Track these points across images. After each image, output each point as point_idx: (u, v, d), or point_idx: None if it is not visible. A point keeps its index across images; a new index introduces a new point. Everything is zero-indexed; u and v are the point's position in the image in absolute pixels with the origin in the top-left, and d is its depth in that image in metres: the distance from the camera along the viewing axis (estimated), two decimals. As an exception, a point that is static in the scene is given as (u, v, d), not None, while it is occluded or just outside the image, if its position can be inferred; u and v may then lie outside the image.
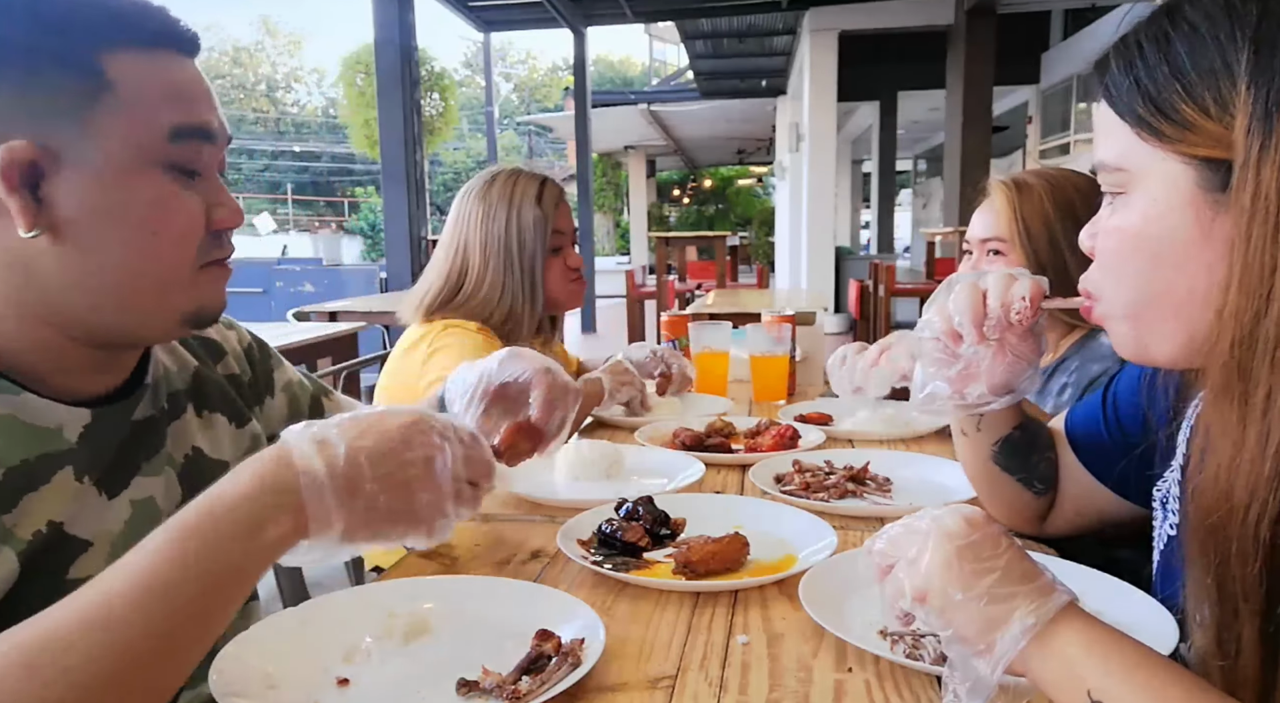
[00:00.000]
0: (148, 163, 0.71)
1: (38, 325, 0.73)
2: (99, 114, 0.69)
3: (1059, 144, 10.28)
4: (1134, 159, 0.66)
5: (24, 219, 0.68)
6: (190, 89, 0.75)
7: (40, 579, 0.68)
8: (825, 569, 0.88)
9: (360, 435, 0.64)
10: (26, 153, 0.67)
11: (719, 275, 7.82)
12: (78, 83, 0.69)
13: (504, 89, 47.93)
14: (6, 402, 0.70)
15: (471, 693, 0.69)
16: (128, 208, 0.71)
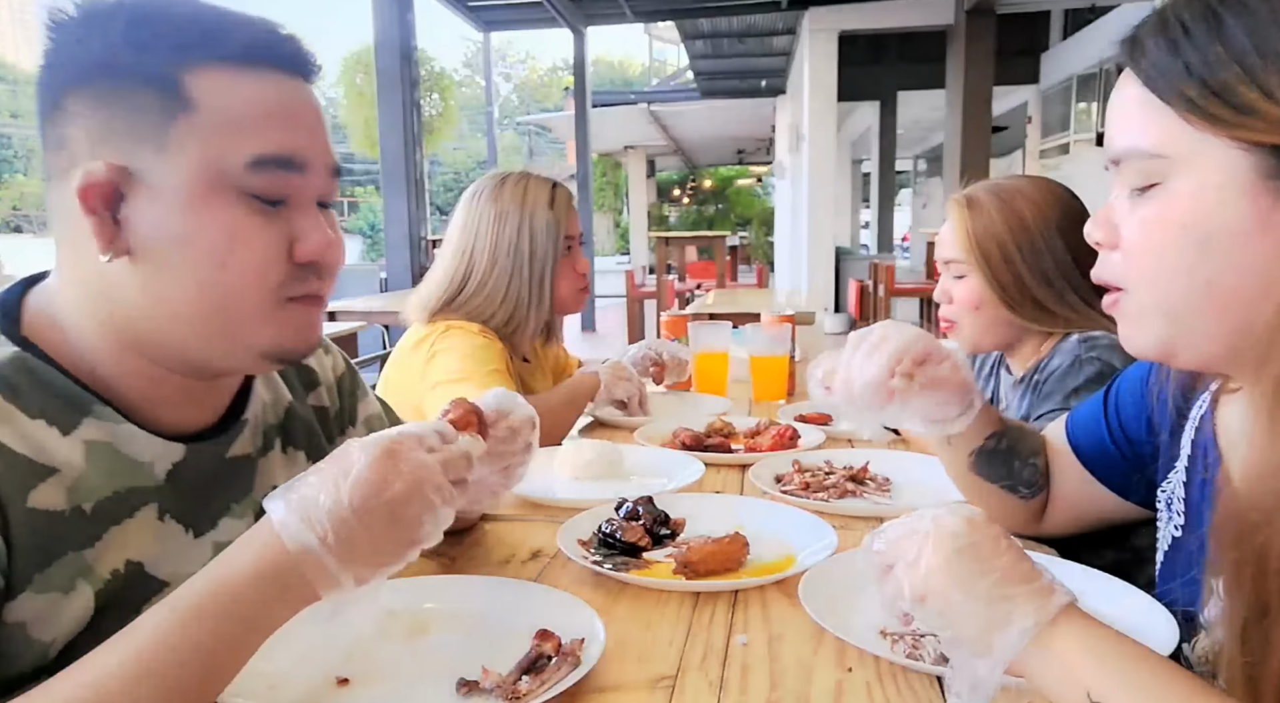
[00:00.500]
0: (224, 189, 0.67)
1: (130, 353, 0.71)
2: (177, 134, 0.66)
3: (1059, 144, 10.27)
4: (1178, 145, 0.62)
5: (100, 241, 0.66)
6: (283, 112, 0.70)
7: (113, 618, 0.67)
8: (825, 569, 0.88)
9: (339, 492, 0.61)
10: (105, 175, 0.65)
11: (719, 275, 7.82)
12: (157, 101, 0.66)
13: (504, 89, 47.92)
14: (108, 430, 0.69)
15: (471, 693, 0.69)
16: (198, 235, 0.67)
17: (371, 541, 0.61)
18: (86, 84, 0.66)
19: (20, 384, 0.66)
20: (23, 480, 0.63)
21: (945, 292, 1.47)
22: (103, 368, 0.71)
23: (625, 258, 18.63)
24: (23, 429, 0.65)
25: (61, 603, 0.64)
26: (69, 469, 0.66)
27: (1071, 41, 9.67)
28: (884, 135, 12.42)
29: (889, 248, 13.35)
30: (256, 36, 0.69)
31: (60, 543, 0.65)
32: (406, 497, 0.62)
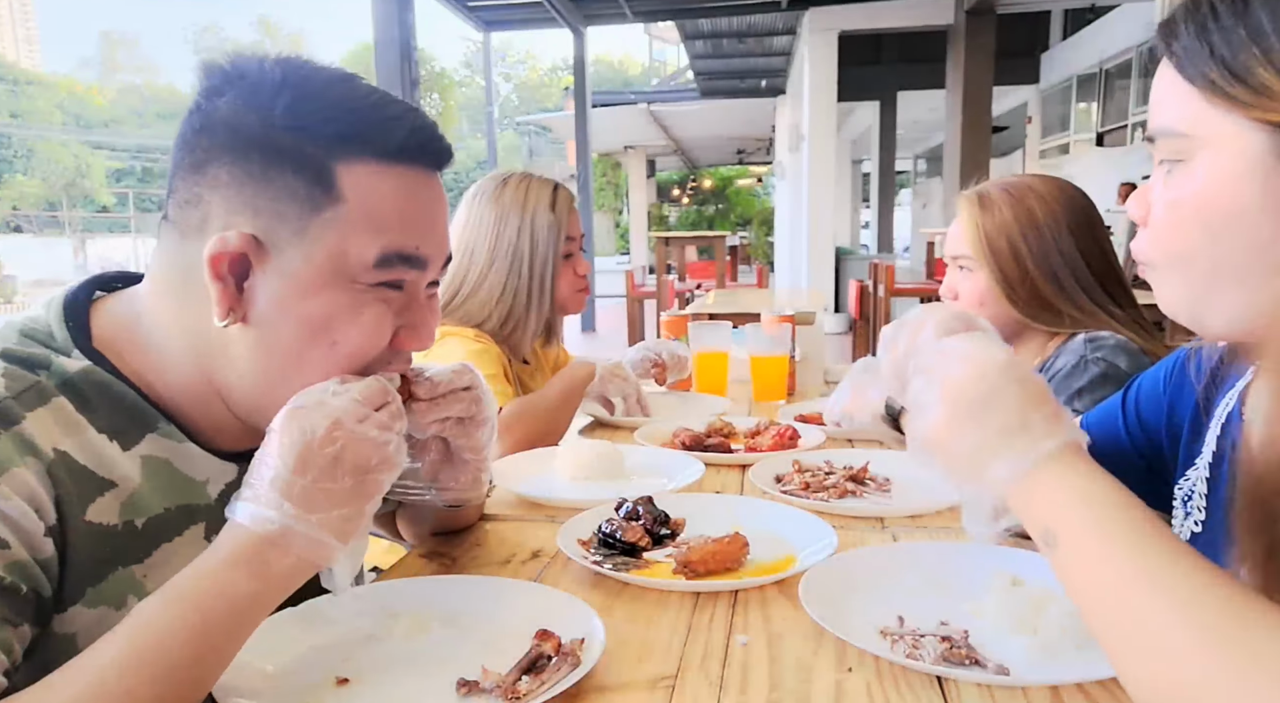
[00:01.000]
0: (347, 281, 0.70)
1: (208, 390, 0.74)
2: (319, 224, 0.68)
3: (1059, 144, 10.28)
4: (1200, 125, 0.64)
5: (220, 308, 0.68)
6: (419, 215, 0.73)
7: None
8: (825, 569, 0.88)
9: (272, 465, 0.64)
10: (239, 245, 0.67)
11: (719, 275, 7.82)
12: (307, 189, 0.68)
13: (504, 89, 47.91)
14: (169, 448, 0.71)
15: (471, 693, 0.69)
16: (318, 317, 0.70)
17: (325, 490, 0.63)
18: (241, 156, 0.68)
19: (91, 397, 0.68)
20: (83, 493, 0.65)
21: (951, 288, 1.47)
22: (175, 389, 0.73)
23: (625, 258, 18.63)
24: (88, 441, 0.66)
25: (112, 618, 0.65)
26: (125, 484, 0.67)
27: (1071, 41, 9.68)
28: (884, 135, 12.43)
29: (889, 248, 13.35)
30: (409, 135, 0.71)
31: (113, 558, 0.66)
32: (332, 436, 0.64)
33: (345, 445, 0.65)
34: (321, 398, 0.67)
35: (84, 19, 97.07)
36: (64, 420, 0.66)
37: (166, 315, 0.73)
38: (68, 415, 0.66)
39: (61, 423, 0.65)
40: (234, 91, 0.69)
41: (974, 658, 0.72)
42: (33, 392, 0.66)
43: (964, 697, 0.68)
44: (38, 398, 0.66)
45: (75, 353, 0.70)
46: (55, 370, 0.68)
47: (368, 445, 0.66)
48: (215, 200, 0.68)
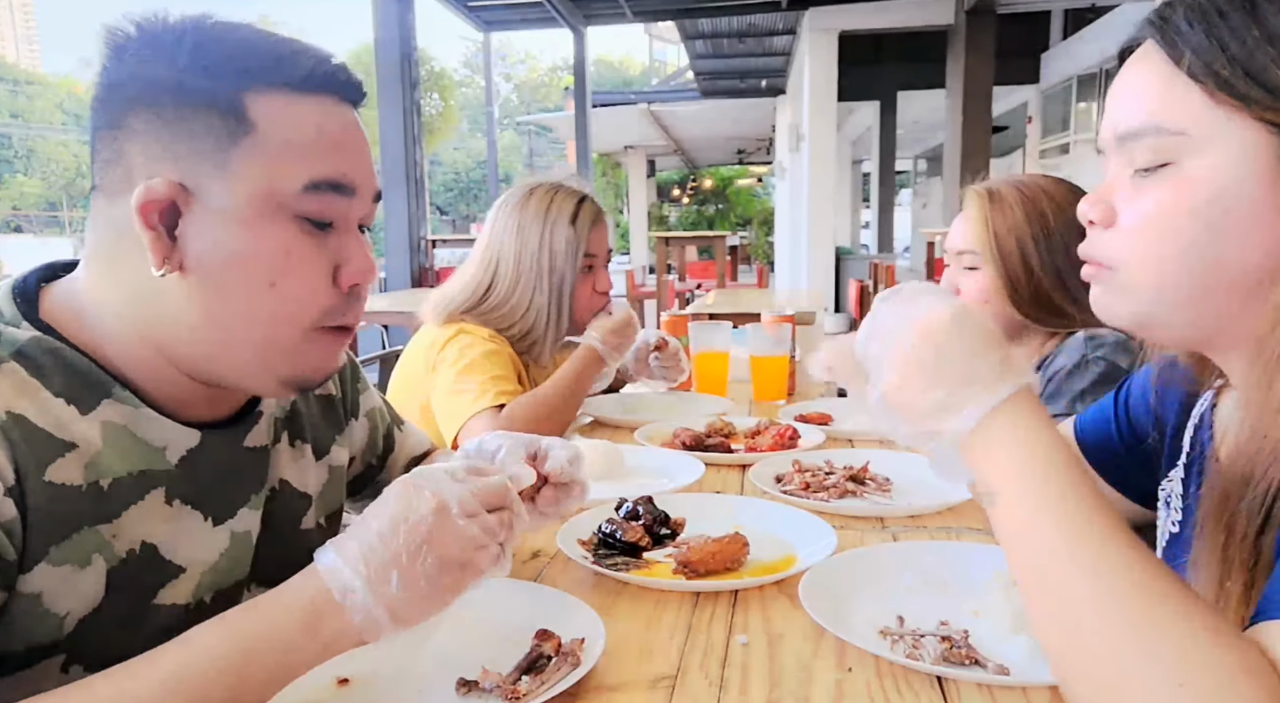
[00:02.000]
0: (278, 212, 0.70)
1: (156, 354, 0.73)
2: (238, 157, 0.68)
3: (1059, 144, 10.28)
4: (1200, 124, 0.63)
5: (155, 256, 0.68)
6: (337, 138, 0.72)
7: (128, 599, 0.69)
8: (825, 569, 0.88)
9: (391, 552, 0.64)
10: (166, 191, 0.67)
11: (719, 275, 7.82)
12: (221, 123, 0.68)
13: (504, 89, 47.90)
14: (125, 413, 0.71)
15: (471, 693, 0.69)
16: (253, 254, 0.69)
17: (402, 569, 0.64)
18: (152, 103, 0.68)
19: (44, 363, 0.68)
20: (42, 454, 0.64)
21: (951, 284, 1.46)
22: (125, 359, 0.72)
23: (625, 258, 18.62)
24: (44, 405, 0.66)
25: (77, 576, 0.65)
26: (87, 446, 0.67)
27: (1071, 41, 9.67)
28: (884, 135, 12.43)
29: (889, 248, 13.35)
30: (315, 64, 0.72)
31: (78, 517, 0.66)
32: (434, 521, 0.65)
33: (438, 536, 0.65)
34: (439, 478, 0.67)
35: (84, 19, 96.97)
36: (17, 385, 0.65)
37: (104, 285, 0.72)
38: (20, 380, 0.66)
39: (14, 387, 0.65)
40: (137, 45, 0.69)
41: (974, 658, 0.72)
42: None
43: (964, 697, 0.68)
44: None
45: (24, 325, 0.69)
46: (5, 340, 0.67)
47: (463, 544, 0.66)
48: (134, 152, 0.68)
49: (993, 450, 0.62)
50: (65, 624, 0.65)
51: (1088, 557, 0.56)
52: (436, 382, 1.54)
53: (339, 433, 0.96)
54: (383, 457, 1.05)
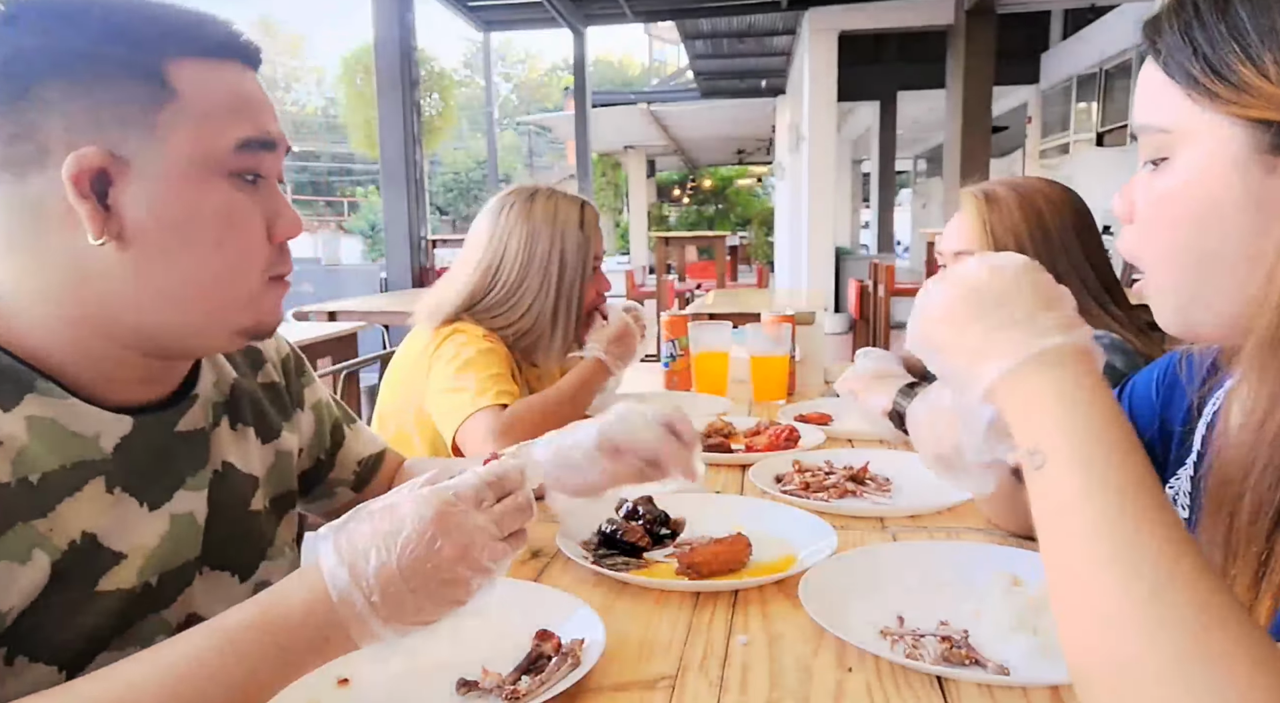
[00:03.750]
0: (213, 172, 0.71)
1: (92, 334, 0.72)
2: (165, 122, 0.69)
3: (1059, 144, 10.28)
4: (1181, 121, 0.64)
5: (93, 226, 0.67)
6: (253, 99, 0.75)
7: (69, 590, 0.68)
8: (825, 569, 0.88)
9: (389, 553, 0.62)
10: (96, 160, 0.67)
11: (719, 275, 7.82)
12: (144, 90, 0.68)
13: (504, 89, 47.91)
14: (51, 406, 0.70)
15: (471, 693, 0.69)
16: (193, 218, 0.70)
17: (416, 602, 0.63)
18: (64, 74, 0.67)
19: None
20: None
21: None
22: (50, 349, 0.71)
23: (625, 258, 18.63)
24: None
25: (17, 572, 0.64)
26: (11, 442, 0.66)
27: (1071, 41, 9.67)
28: (884, 135, 12.42)
29: (889, 248, 13.35)
30: (224, 32, 0.74)
31: (9, 514, 0.65)
32: (455, 561, 0.64)
33: (460, 575, 0.64)
34: (468, 513, 0.66)
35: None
36: None
37: (22, 272, 0.71)
38: None
39: None
40: (35, 14, 0.68)
41: (974, 658, 0.72)
42: None
43: (964, 697, 0.68)
44: None
45: None
46: None
47: (477, 577, 0.65)
48: (51, 122, 0.67)
49: (1045, 403, 0.56)
50: (7, 619, 0.64)
51: (1134, 554, 0.50)
52: (432, 382, 1.54)
53: (286, 419, 0.96)
54: (331, 452, 1.04)
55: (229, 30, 0.75)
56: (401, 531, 0.63)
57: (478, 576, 0.65)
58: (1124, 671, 0.49)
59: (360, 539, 0.63)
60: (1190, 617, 0.48)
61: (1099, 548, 0.52)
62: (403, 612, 0.62)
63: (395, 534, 0.63)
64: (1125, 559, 0.51)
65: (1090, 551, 0.52)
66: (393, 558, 0.62)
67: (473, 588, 0.65)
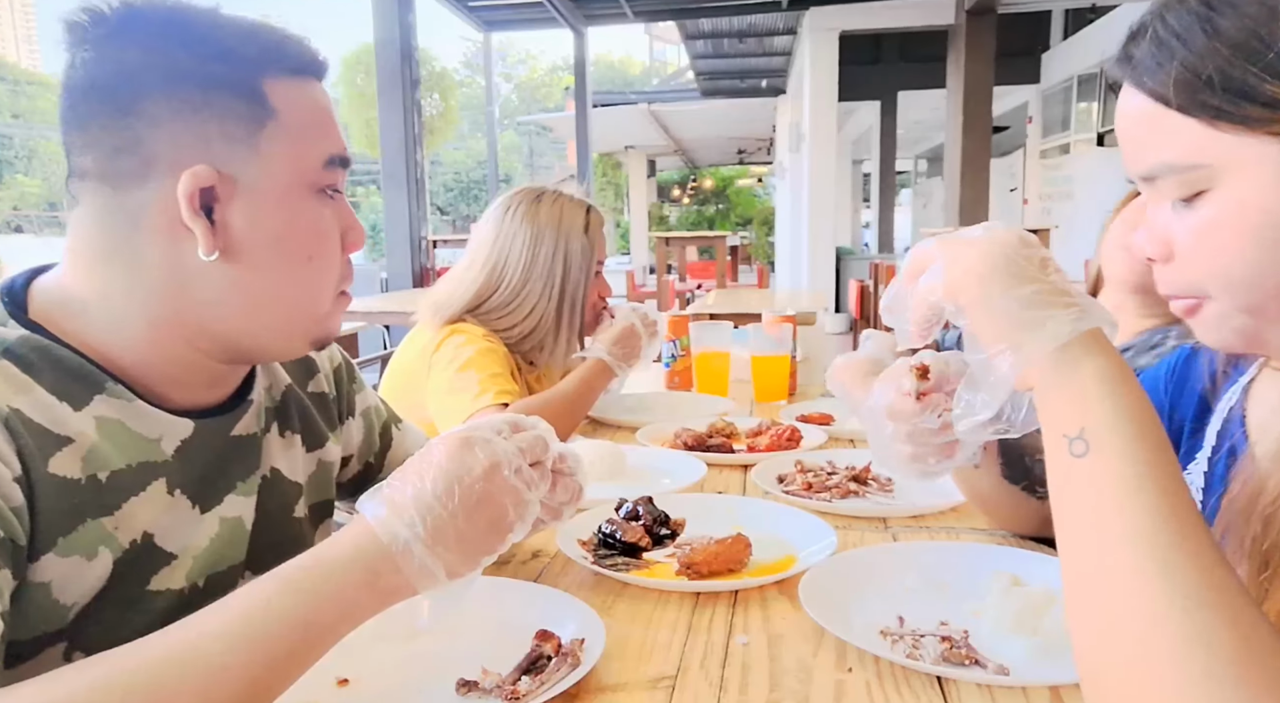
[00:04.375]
0: (306, 188, 0.74)
1: (173, 340, 0.74)
2: (266, 140, 0.71)
3: (1059, 144, 10.28)
4: (1214, 153, 0.61)
5: (206, 242, 0.70)
6: (330, 116, 0.78)
7: (125, 587, 0.69)
8: (825, 569, 0.88)
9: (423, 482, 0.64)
10: (207, 178, 0.69)
11: (719, 275, 7.82)
12: (248, 108, 0.71)
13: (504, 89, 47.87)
14: (119, 408, 0.71)
15: (471, 693, 0.69)
16: (290, 233, 0.74)
17: (457, 528, 0.64)
18: (172, 91, 0.69)
19: (34, 361, 0.68)
20: (42, 447, 0.65)
21: None
22: (122, 352, 0.73)
23: (626, 258, 18.63)
24: (38, 400, 0.67)
25: (84, 567, 0.66)
26: (82, 440, 0.68)
27: (1071, 41, 9.67)
28: (884, 135, 12.42)
29: (890, 248, 13.35)
30: (308, 50, 0.76)
31: (81, 510, 0.67)
32: (487, 480, 0.65)
33: (494, 495, 0.65)
34: (491, 437, 0.68)
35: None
36: (10, 382, 0.66)
37: (100, 280, 0.72)
38: (13, 377, 0.66)
39: (9, 384, 0.66)
40: (139, 32, 0.69)
41: (974, 658, 0.72)
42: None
43: (964, 697, 0.68)
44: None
45: (11, 323, 0.70)
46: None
47: (513, 500, 0.66)
48: (158, 138, 0.69)
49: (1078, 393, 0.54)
50: (70, 613, 0.66)
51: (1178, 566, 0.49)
52: (432, 383, 1.54)
53: (333, 430, 0.96)
54: (380, 454, 1.05)
55: (309, 47, 0.77)
56: (432, 463, 0.65)
57: (511, 498, 0.66)
58: (1143, 677, 0.48)
59: (396, 483, 0.65)
60: (1224, 632, 0.47)
61: (1140, 552, 0.50)
62: (445, 540, 0.63)
63: (426, 468, 0.65)
64: (1167, 567, 0.49)
65: (1130, 554, 0.50)
66: (426, 484, 0.64)
67: (508, 514, 0.66)
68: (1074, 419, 0.54)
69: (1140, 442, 0.52)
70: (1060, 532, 0.54)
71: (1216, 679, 0.45)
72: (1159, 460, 0.52)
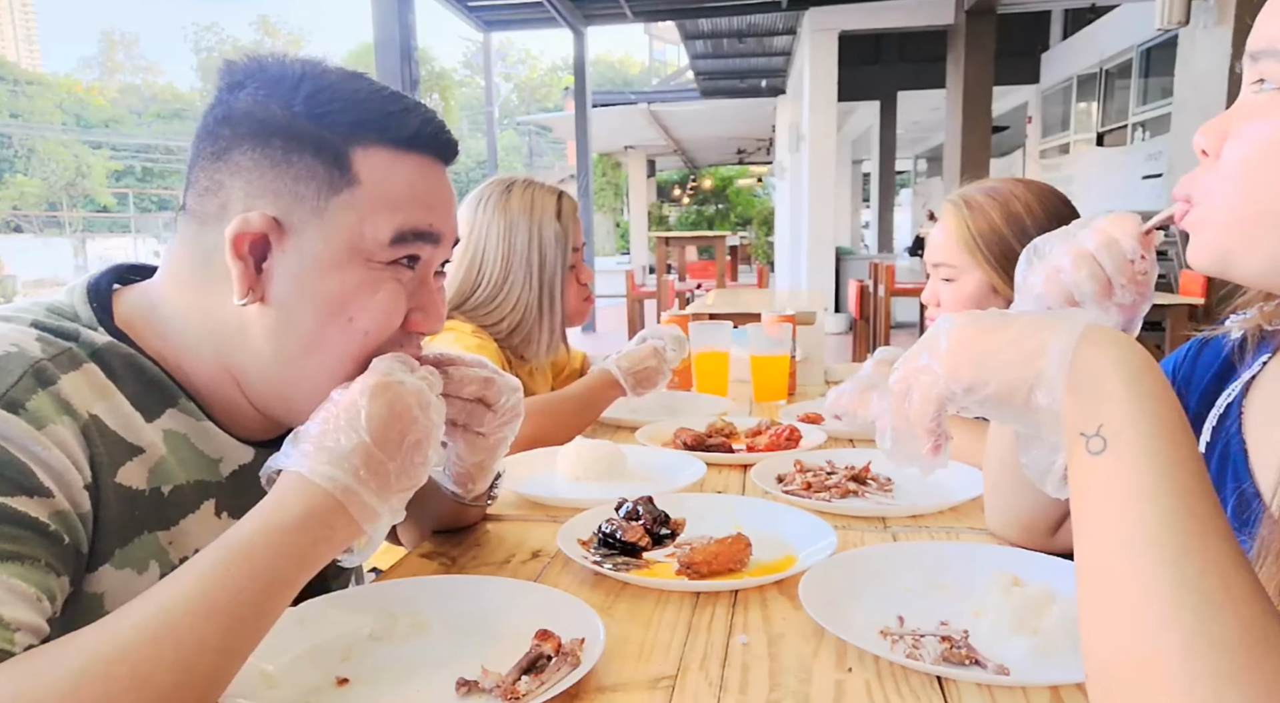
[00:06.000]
0: (364, 258, 0.73)
1: (227, 376, 0.76)
2: (336, 205, 0.72)
3: (1059, 144, 10.28)
4: None
5: (240, 286, 0.71)
6: (431, 196, 0.76)
7: None
8: (825, 569, 0.88)
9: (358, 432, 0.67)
10: (261, 225, 0.70)
11: (719, 275, 7.83)
12: (327, 172, 0.71)
13: (504, 89, 47.89)
14: (188, 424, 0.73)
15: (471, 693, 0.69)
16: (335, 295, 0.73)
17: (392, 468, 0.67)
18: (260, 142, 0.71)
19: (117, 367, 0.70)
20: (114, 455, 0.66)
21: (934, 294, 1.48)
22: (194, 375, 0.75)
23: (625, 258, 18.64)
24: (117, 407, 0.68)
25: (136, 581, 0.67)
26: (152, 452, 0.69)
27: (1071, 41, 9.68)
28: (884, 135, 12.43)
29: (889, 248, 13.35)
30: (421, 125, 0.75)
31: (140, 522, 0.68)
32: (409, 418, 0.69)
33: (418, 426, 0.70)
34: (402, 376, 0.71)
35: (84, 19, 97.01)
36: (96, 385, 0.68)
37: (184, 303, 0.75)
38: (99, 381, 0.68)
39: (93, 387, 0.67)
40: (255, 84, 0.72)
41: (974, 658, 0.72)
42: (66, 356, 0.68)
43: (964, 697, 0.68)
44: (70, 362, 0.67)
45: (100, 329, 0.72)
46: (84, 341, 0.70)
47: (429, 428, 0.71)
48: (236, 185, 0.71)
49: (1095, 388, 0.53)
50: None
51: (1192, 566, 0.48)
52: None
53: None
54: None
55: (427, 122, 0.76)
56: (359, 409, 0.67)
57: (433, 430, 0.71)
58: (1153, 677, 0.47)
59: (324, 435, 0.67)
60: (1236, 635, 0.46)
61: (1153, 553, 0.49)
62: (385, 479, 0.67)
63: (355, 414, 0.67)
64: (1181, 567, 0.48)
65: (1143, 554, 0.49)
66: (363, 433, 0.66)
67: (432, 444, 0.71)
68: (1092, 416, 0.53)
69: (1159, 438, 0.51)
70: (1076, 530, 0.54)
71: (1227, 681, 0.45)
72: (1179, 457, 0.51)
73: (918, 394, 0.62)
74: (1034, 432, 0.58)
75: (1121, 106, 8.73)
